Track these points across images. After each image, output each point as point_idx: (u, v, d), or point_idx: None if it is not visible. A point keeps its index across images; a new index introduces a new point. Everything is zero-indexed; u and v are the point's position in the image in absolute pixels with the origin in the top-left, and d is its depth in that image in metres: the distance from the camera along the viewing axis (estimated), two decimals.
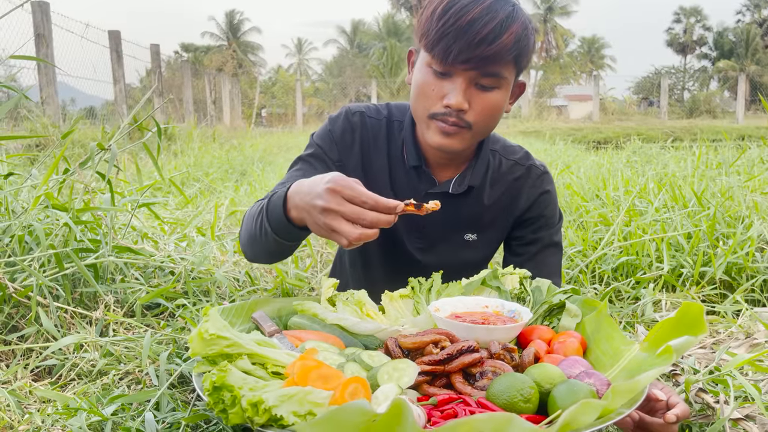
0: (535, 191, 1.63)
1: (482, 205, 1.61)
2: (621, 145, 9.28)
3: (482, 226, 1.63)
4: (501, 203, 1.62)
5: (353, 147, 1.60)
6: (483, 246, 1.65)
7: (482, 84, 1.36)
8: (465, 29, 1.28)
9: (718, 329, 1.88)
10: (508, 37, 1.30)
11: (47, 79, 7.40)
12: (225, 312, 1.26)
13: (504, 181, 1.62)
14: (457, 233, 1.63)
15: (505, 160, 1.63)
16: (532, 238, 1.65)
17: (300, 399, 0.86)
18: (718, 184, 3.43)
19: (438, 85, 1.37)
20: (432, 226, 1.61)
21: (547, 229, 1.66)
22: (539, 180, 1.64)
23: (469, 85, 1.35)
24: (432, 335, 1.12)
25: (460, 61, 1.31)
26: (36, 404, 1.27)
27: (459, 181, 1.56)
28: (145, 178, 3.93)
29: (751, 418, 1.28)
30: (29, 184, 1.98)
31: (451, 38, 1.29)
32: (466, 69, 1.33)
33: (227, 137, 10.86)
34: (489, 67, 1.33)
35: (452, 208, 1.59)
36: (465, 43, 1.29)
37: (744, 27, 54.43)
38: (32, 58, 1.82)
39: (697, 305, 1.00)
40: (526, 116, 20.02)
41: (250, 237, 1.37)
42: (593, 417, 0.85)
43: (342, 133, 1.60)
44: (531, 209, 1.64)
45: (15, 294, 1.54)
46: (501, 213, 1.63)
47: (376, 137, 1.61)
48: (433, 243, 1.63)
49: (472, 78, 1.35)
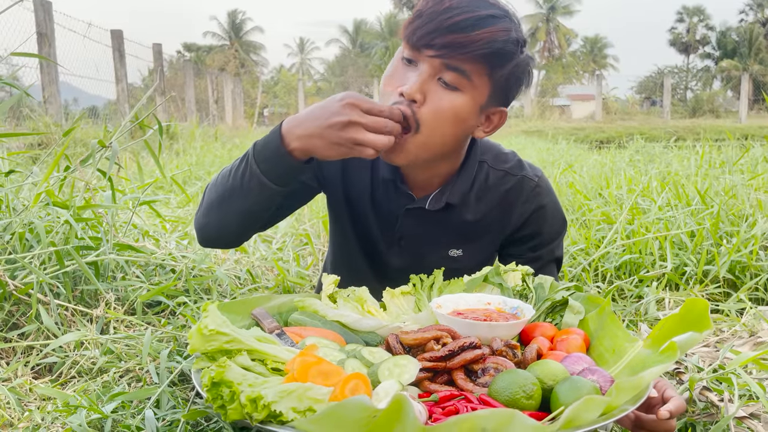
0: (529, 207, 1.51)
1: (465, 222, 1.50)
2: (624, 145, 9.26)
3: (468, 241, 1.52)
4: (490, 217, 1.51)
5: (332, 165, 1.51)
6: (470, 260, 1.54)
7: (445, 80, 1.24)
8: (439, 12, 1.21)
9: (722, 328, 1.87)
10: (483, 33, 1.20)
11: (50, 78, 7.41)
12: (225, 308, 1.25)
13: (493, 193, 1.50)
14: (440, 249, 1.54)
15: (494, 171, 1.50)
16: (531, 256, 1.54)
17: (300, 395, 0.86)
18: (722, 183, 3.41)
19: (401, 73, 1.28)
20: (410, 241, 1.53)
21: (547, 246, 1.55)
22: (533, 194, 1.50)
23: (430, 77, 1.24)
24: (433, 331, 1.11)
25: (424, 44, 1.22)
26: (36, 402, 1.26)
27: (437, 198, 1.46)
28: (146, 177, 3.92)
29: (755, 417, 1.27)
30: (30, 182, 1.97)
31: (423, 19, 1.22)
32: (430, 56, 1.23)
33: (229, 136, 10.86)
34: (455, 57, 1.22)
35: (432, 223, 1.49)
36: (435, 24, 1.21)
37: (747, 26, 54.33)
38: (35, 55, 1.82)
39: (702, 301, 0.99)
40: (529, 116, 20.00)
41: (220, 196, 1.29)
42: (596, 414, 0.84)
43: None
44: (525, 226, 1.52)
45: (15, 291, 1.54)
46: (489, 228, 1.52)
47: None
48: (418, 260, 1.54)
49: (436, 69, 1.24)
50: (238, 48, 54.99)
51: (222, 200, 1.30)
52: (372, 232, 1.56)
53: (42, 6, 7.34)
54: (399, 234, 1.53)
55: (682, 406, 1.02)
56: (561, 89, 48.37)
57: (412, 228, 1.51)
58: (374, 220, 1.54)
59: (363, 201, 1.53)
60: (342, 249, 1.67)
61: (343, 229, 1.61)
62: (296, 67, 61.91)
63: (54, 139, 5.62)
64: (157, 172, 2.12)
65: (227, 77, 18.60)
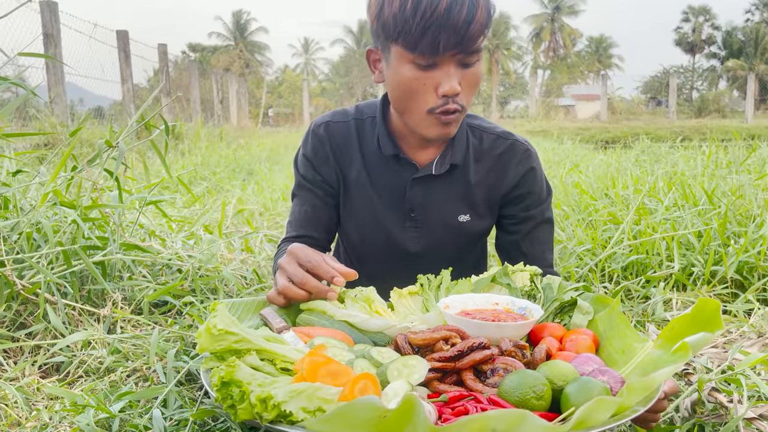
0: (522, 168, 1.61)
1: (469, 184, 1.60)
2: (629, 145, 9.23)
3: (473, 205, 1.62)
4: (488, 180, 1.61)
5: (328, 161, 1.63)
6: (478, 225, 1.64)
7: (466, 62, 1.37)
8: (445, 18, 1.28)
9: (730, 328, 1.86)
10: (482, 13, 1.31)
11: (56, 78, 7.43)
12: (233, 308, 1.25)
13: (488, 156, 1.61)
14: (450, 216, 1.62)
15: (487, 135, 1.62)
16: (524, 216, 1.64)
17: (309, 395, 0.85)
18: (729, 183, 3.39)
19: (428, 77, 1.37)
20: (421, 211, 1.60)
21: (538, 206, 1.65)
22: (524, 156, 1.62)
23: (456, 67, 1.36)
24: (442, 332, 1.10)
25: (450, 49, 1.32)
26: (44, 401, 1.26)
27: (440, 162, 1.56)
28: (152, 177, 3.93)
29: (765, 418, 1.26)
30: (37, 182, 1.98)
31: (435, 30, 1.29)
32: (453, 54, 1.34)
33: (234, 136, 10.89)
34: (473, 46, 1.34)
35: (439, 189, 1.59)
36: (450, 31, 1.29)
37: (753, 26, 54.06)
38: (41, 55, 1.82)
39: (713, 301, 0.98)
40: (534, 116, 19.96)
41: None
42: (608, 414, 0.84)
43: (314, 151, 1.64)
44: (519, 186, 1.62)
45: (23, 291, 1.54)
46: (490, 190, 1.62)
47: (347, 141, 1.62)
48: (430, 230, 1.62)
49: (459, 60, 1.36)
50: (243, 48, 55.07)
51: None
52: (379, 213, 1.62)
53: (48, 7, 7.36)
54: (408, 206, 1.60)
55: (675, 387, 1.08)
56: (566, 89, 48.29)
57: (420, 197, 1.60)
58: (378, 200, 1.62)
59: (365, 189, 1.61)
60: (355, 249, 1.74)
61: (353, 223, 1.68)
62: (301, 68, 61.96)
63: (60, 140, 5.64)
64: (163, 171, 2.12)
65: (232, 77, 18.63)
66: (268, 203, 4.21)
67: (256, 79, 40.52)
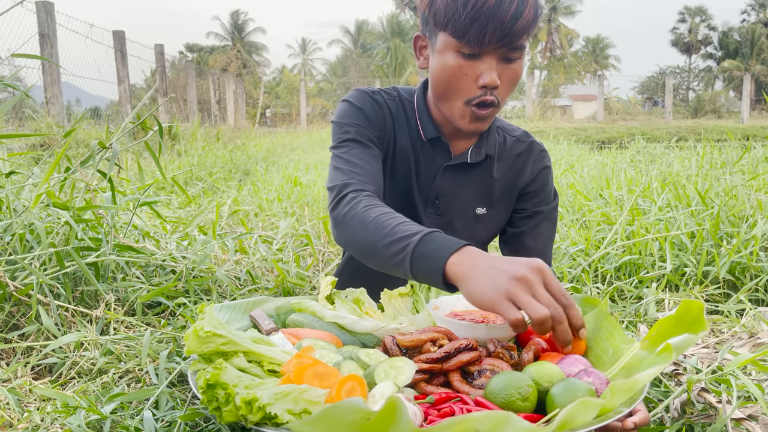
0: (538, 166, 1.70)
1: (492, 178, 1.65)
2: (625, 145, 9.24)
3: (492, 199, 1.67)
4: (507, 178, 1.68)
5: (385, 124, 1.60)
6: (492, 221, 1.69)
7: (509, 57, 1.41)
8: (494, 11, 1.33)
9: (722, 329, 1.87)
10: (529, 11, 1.36)
11: (51, 78, 7.42)
12: (223, 310, 1.26)
13: (509, 156, 1.68)
14: (469, 207, 1.66)
15: (509, 137, 1.70)
16: (533, 211, 1.71)
17: (295, 397, 0.86)
18: (722, 184, 3.40)
19: (470, 66, 1.41)
20: (445, 200, 1.64)
21: (546, 204, 1.72)
22: (540, 155, 1.71)
23: (499, 61, 1.41)
24: (430, 333, 1.11)
25: (495, 41, 1.36)
26: (35, 402, 1.26)
27: (476, 151, 1.61)
28: (147, 177, 3.93)
29: (753, 418, 1.27)
30: (31, 183, 1.98)
31: (483, 21, 1.33)
32: (497, 47, 1.38)
33: (231, 137, 10.87)
34: (517, 42, 1.39)
35: (465, 180, 1.63)
36: (497, 23, 1.33)
37: (749, 27, 54.16)
38: (36, 56, 1.82)
39: (697, 303, 0.99)
40: (531, 116, 19.96)
41: (366, 248, 1.25)
42: (591, 416, 0.85)
43: (372, 109, 1.59)
44: (533, 182, 1.70)
45: (16, 292, 1.54)
46: (507, 187, 1.68)
47: (398, 115, 1.63)
48: (449, 219, 1.65)
49: (502, 54, 1.40)
50: (241, 49, 54.98)
51: (364, 250, 1.27)
52: (413, 194, 1.64)
53: (44, 7, 7.36)
54: (435, 193, 1.63)
55: (647, 419, 1.03)
56: (563, 90, 48.28)
57: (447, 185, 1.63)
58: (415, 181, 1.64)
59: (408, 164, 1.62)
60: None
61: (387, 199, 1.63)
62: (298, 68, 61.88)
63: (56, 140, 5.63)
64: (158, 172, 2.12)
65: (229, 78, 18.61)
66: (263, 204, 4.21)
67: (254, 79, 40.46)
